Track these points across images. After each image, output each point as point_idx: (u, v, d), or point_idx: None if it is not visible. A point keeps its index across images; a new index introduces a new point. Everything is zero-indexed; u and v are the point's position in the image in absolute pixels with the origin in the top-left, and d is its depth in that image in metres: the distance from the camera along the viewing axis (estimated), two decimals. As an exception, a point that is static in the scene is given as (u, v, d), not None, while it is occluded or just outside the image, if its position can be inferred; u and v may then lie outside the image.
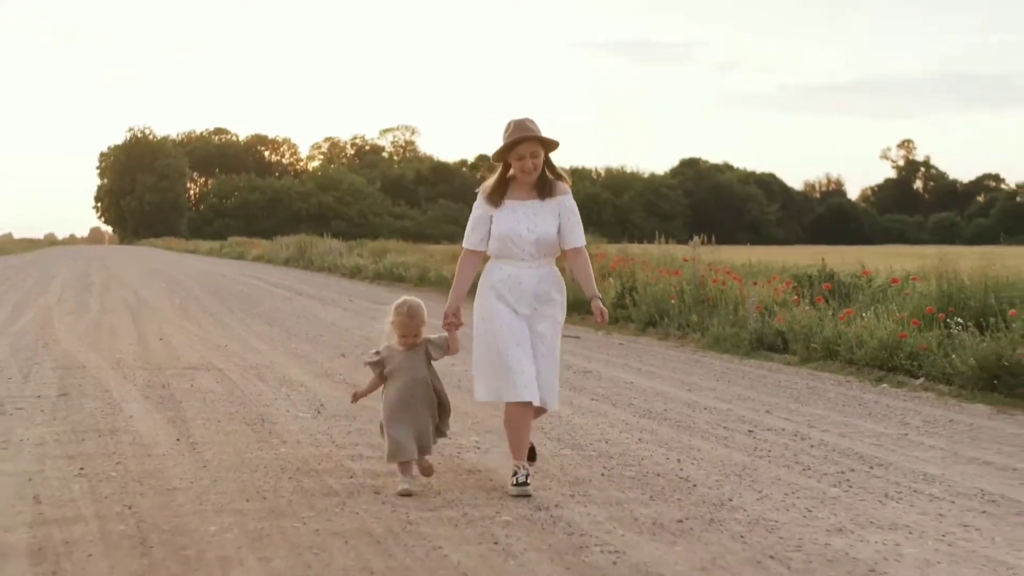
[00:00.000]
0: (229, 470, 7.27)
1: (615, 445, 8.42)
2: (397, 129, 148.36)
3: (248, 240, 71.62)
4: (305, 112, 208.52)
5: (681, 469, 7.62)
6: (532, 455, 7.28)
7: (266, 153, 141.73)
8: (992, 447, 8.47)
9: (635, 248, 27.12)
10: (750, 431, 9.10)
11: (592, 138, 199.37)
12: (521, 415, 6.88)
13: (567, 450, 8.21)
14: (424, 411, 6.91)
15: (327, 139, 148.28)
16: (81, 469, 7.23)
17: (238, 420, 9.12)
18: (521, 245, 6.95)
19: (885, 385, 11.77)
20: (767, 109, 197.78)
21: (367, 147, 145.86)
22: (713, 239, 21.65)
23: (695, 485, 7.16)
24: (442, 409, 7.06)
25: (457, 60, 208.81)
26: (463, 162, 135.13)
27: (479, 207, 7.12)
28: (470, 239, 7.13)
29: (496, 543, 5.69)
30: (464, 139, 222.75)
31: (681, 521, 6.22)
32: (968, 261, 14.66)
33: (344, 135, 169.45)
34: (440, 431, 7.09)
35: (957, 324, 12.43)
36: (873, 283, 16.55)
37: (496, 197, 7.05)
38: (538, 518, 6.24)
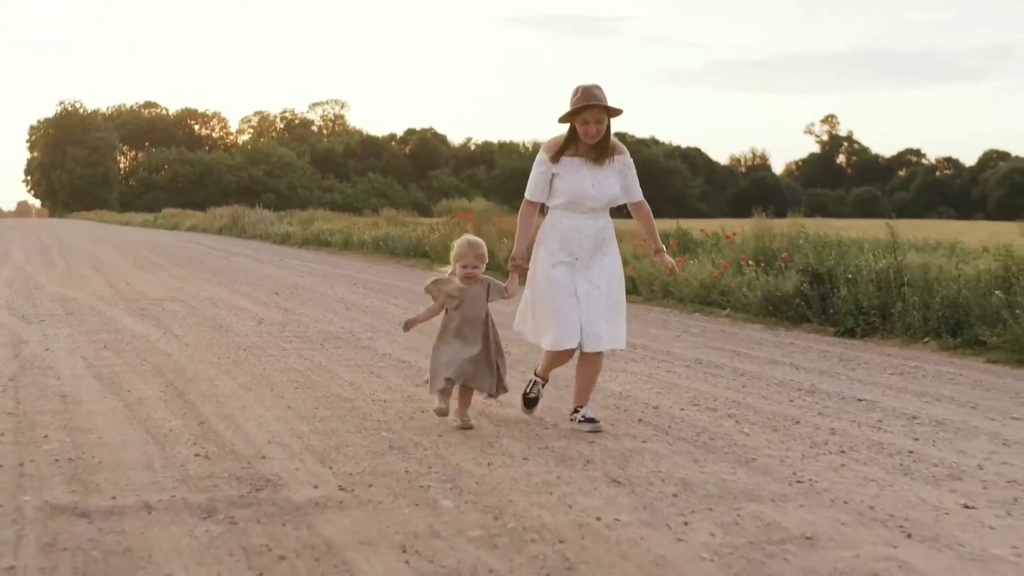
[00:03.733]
0: (202, 347, 10.96)
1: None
2: (326, 103, 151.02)
3: (182, 211, 74.39)
4: (235, 86, 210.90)
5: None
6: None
7: (196, 127, 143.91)
8: (743, 346, 12.17)
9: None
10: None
11: (520, 112, 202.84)
12: (560, 361, 7.59)
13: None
14: (476, 346, 7.32)
15: (257, 113, 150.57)
16: (105, 346, 10.91)
17: (203, 326, 12.81)
18: (586, 201, 7.34)
19: (697, 314, 15.53)
20: (693, 84, 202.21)
21: (297, 121, 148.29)
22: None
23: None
24: (499, 351, 7.47)
25: (386, 35, 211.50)
26: (392, 136, 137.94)
27: (542, 164, 7.47)
28: (533, 192, 7.49)
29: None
30: (393, 113, 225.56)
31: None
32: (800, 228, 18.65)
33: (274, 109, 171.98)
34: (502, 383, 7.46)
35: (751, 268, 16.24)
36: (713, 240, 20.51)
37: (560, 155, 7.42)
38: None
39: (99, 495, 5.52)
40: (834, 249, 15.64)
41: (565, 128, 7.44)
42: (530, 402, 7.75)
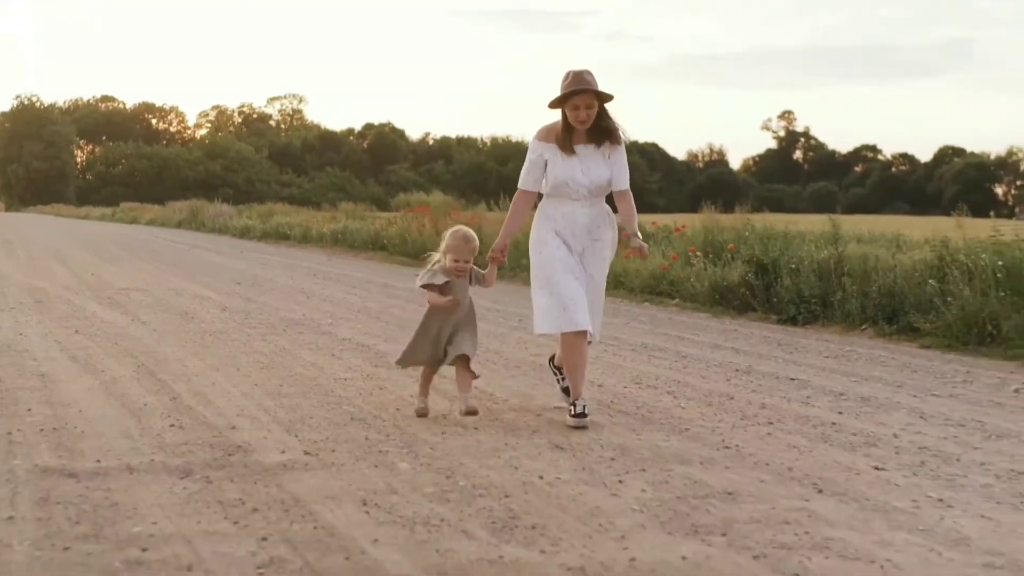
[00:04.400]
0: (170, 333, 11.43)
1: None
2: (284, 98, 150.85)
3: (140, 205, 74.38)
4: (192, 80, 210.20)
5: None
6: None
7: (153, 121, 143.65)
8: (688, 332, 12.71)
9: (493, 213, 31.08)
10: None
11: (478, 107, 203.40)
12: (577, 344, 7.30)
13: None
14: (463, 334, 7.32)
15: (215, 107, 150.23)
16: (76, 331, 11.38)
17: (169, 313, 13.28)
18: (576, 187, 7.29)
19: (647, 304, 16.09)
20: (652, 79, 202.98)
21: (255, 115, 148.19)
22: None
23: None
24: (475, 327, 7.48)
25: (345, 29, 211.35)
26: (350, 131, 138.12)
27: (535, 151, 7.40)
28: (526, 180, 7.44)
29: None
30: (351, 108, 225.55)
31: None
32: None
33: (231, 103, 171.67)
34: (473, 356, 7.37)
35: (700, 259, 16.81)
36: (664, 233, 21.09)
37: (552, 139, 7.36)
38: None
39: (84, 459, 6.02)
40: (779, 241, 16.22)
41: (558, 115, 7.37)
42: (582, 415, 7.20)
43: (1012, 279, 11.89)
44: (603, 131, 7.38)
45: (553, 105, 7.34)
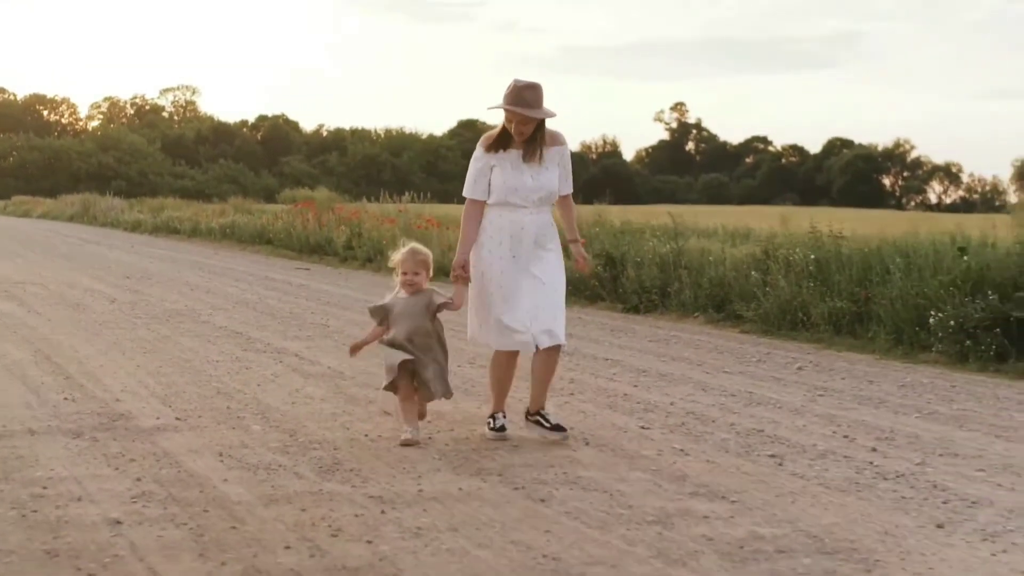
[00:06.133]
0: (63, 322, 12.71)
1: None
2: (177, 89, 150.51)
3: (32, 199, 74.32)
4: (84, 71, 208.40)
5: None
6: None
7: (45, 113, 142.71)
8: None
9: (372, 205, 32.25)
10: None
11: (371, 98, 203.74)
12: (507, 363, 7.39)
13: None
14: (425, 357, 7.15)
15: (107, 99, 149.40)
16: (-23, 322, 12.64)
17: (62, 305, 14.53)
18: (524, 195, 7.16)
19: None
20: (545, 70, 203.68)
21: (147, 107, 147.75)
22: (429, 195, 27.58)
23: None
24: (445, 356, 7.36)
25: (237, 20, 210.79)
26: (244, 122, 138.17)
27: (479, 159, 7.25)
28: (474, 190, 7.26)
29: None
30: (245, 100, 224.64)
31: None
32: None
33: (124, 95, 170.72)
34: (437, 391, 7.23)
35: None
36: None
37: (497, 148, 7.22)
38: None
39: (-8, 425, 7.37)
40: (628, 236, 17.76)
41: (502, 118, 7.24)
42: (501, 429, 7.34)
43: (822, 271, 13.46)
44: (545, 136, 7.28)
45: (495, 109, 7.20)
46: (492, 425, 7.30)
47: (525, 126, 7.12)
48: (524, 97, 7.07)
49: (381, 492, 5.91)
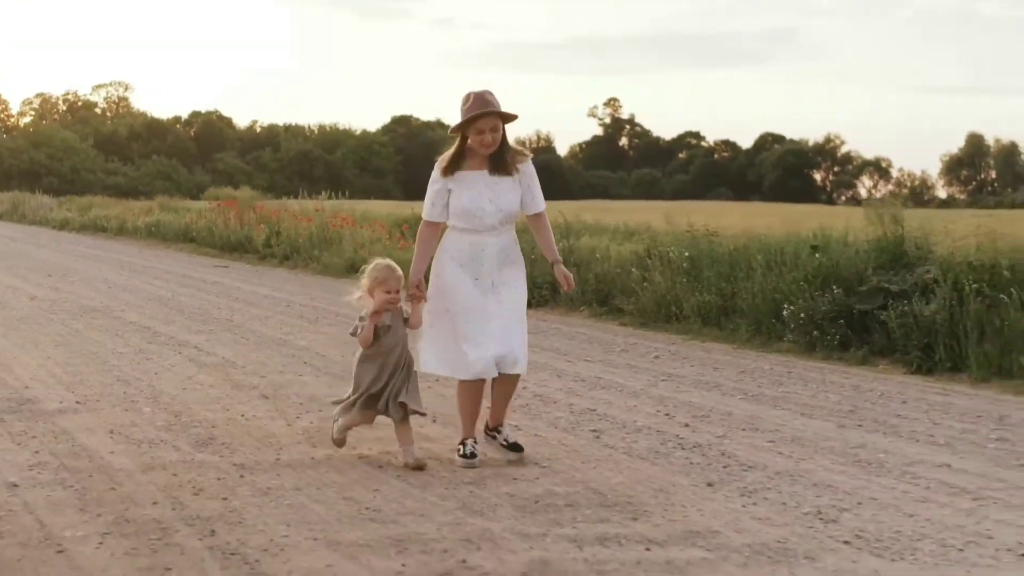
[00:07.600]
0: (-16, 319, 13.68)
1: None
2: (110, 85, 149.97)
3: (-38, 197, 74.77)
4: (15, 67, 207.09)
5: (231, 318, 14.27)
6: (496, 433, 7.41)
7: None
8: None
9: (294, 203, 33.10)
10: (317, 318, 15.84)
11: (304, 94, 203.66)
12: (473, 391, 7.17)
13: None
14: (400, 373, 7.03)
15: (39, 95, 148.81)
16: (-98, 319, 13.56)
17: (-16, 303, 15.49)
18: (484, 217, 6.97)
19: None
20: (480, 66, 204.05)
21: (80, 103, 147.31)
22: (347, 194, 28.59)
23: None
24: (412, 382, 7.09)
25: (170, 14, 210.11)
26: (177, 119, 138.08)
27: (437, 181, 7.08)
28: (431, 212, 7.09)
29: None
30: (178, 96, 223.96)
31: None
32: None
33: (56, 91, 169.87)
34: (417, 405, 7.07)
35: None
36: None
37: (453, 169, 7.06)
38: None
39: (-88, 409, 8.36)
40: (525, 234, 18.77)
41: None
42: (471, 456, 7.09)
43: (695, 267, 14.57)
44: (508, 153, 7.11)
45: (455, 131, 7.09)
46: (462, 452, 7.07)
47: (495, 133, 6.95)
48: (489, 100, 6.93)
49: (244, 460, 6.97)
